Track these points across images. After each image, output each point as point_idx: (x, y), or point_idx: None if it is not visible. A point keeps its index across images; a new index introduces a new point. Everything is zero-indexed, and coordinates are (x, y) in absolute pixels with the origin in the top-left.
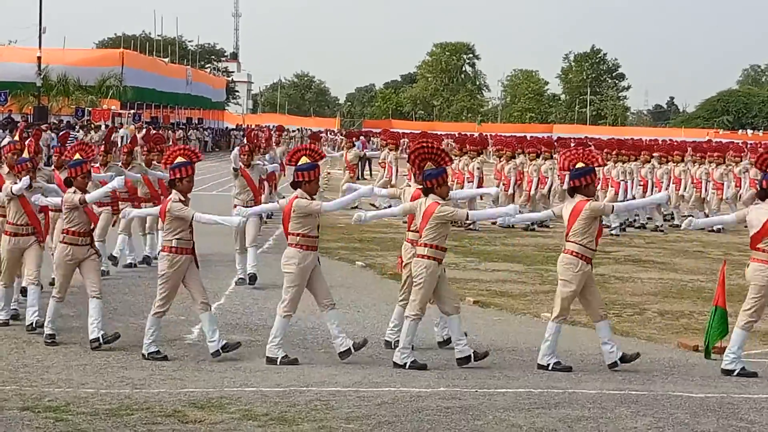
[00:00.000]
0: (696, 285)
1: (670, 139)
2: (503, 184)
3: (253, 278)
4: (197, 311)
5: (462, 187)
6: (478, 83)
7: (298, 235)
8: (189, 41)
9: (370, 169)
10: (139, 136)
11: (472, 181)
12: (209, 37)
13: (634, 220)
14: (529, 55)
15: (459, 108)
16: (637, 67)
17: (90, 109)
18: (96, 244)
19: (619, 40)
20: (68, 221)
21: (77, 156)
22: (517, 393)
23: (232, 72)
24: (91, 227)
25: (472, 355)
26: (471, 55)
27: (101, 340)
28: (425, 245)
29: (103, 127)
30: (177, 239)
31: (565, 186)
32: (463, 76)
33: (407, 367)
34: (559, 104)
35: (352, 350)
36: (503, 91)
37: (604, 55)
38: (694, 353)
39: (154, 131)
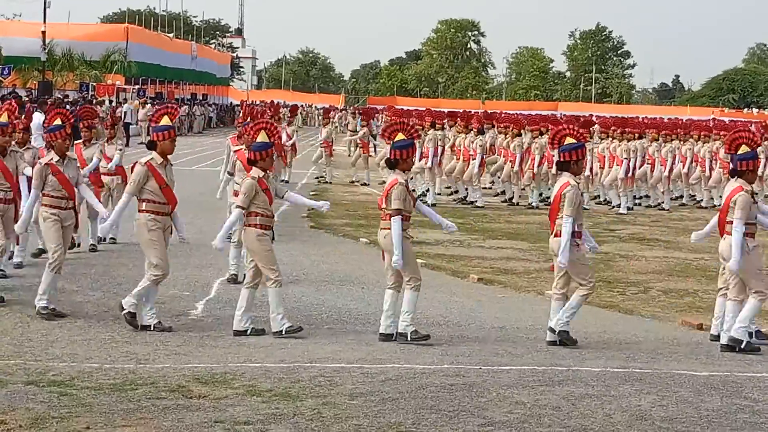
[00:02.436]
0: (700, 263)
1: (676, 117)
2: (510, 161)
3: (235, 279)
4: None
5: (467, 164)
6: (483, 60)
7: None
8: (194, 16)
9: (375, 146)
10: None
11: (476, 159)
12: (214, 13)
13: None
14: (534, 32)
15: (464, 85)
16: (642, 45)
17: (94, 84)
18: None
19: (625, 18)
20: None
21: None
22: (521, 370)
23: (237, 48)
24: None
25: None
26: (476, 32)
27: None
28: None
29: (107, 102)
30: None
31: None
32: (468, 53)
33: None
34: (564, 82)
35: None
36: (508, 68)
37: (610, 32)
38: (698, 331)
39: (85, 104)
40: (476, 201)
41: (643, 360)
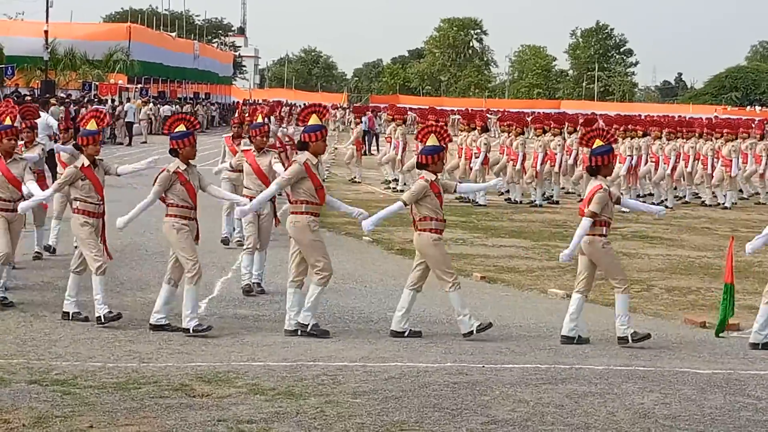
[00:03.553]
0: (703, 261)
1: (679, 116)
2: (512, 160)
3: (259, 286)
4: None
5: (469, 162)
6: (485, 59)
7: None
8: (196, 16)
9: (377, 145)
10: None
11: (479, 157)
12: (216, 12)
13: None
14: (536, 30)
15: (466, 84)
16: (645, 43)
17: (97, 83)
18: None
19: (628, 16)
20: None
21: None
22: (524, 368)
23: (239, 47)
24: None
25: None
26: (478, 31)
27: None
28: None
29: (110, 101)
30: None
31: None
32: (470, 51)
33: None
34: (567, 80)
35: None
36: (511, 66)
37: (611, 30)
38: (701, 329)
39: (25, 104)
40: (479, 199)
41: (646, 358)
